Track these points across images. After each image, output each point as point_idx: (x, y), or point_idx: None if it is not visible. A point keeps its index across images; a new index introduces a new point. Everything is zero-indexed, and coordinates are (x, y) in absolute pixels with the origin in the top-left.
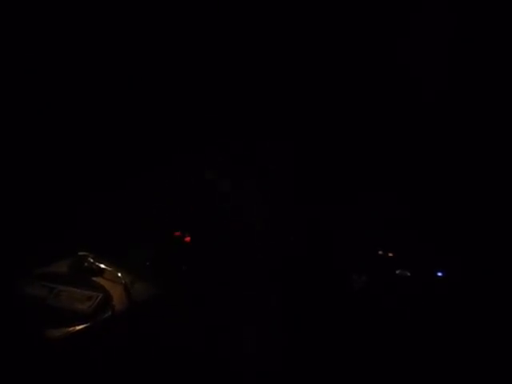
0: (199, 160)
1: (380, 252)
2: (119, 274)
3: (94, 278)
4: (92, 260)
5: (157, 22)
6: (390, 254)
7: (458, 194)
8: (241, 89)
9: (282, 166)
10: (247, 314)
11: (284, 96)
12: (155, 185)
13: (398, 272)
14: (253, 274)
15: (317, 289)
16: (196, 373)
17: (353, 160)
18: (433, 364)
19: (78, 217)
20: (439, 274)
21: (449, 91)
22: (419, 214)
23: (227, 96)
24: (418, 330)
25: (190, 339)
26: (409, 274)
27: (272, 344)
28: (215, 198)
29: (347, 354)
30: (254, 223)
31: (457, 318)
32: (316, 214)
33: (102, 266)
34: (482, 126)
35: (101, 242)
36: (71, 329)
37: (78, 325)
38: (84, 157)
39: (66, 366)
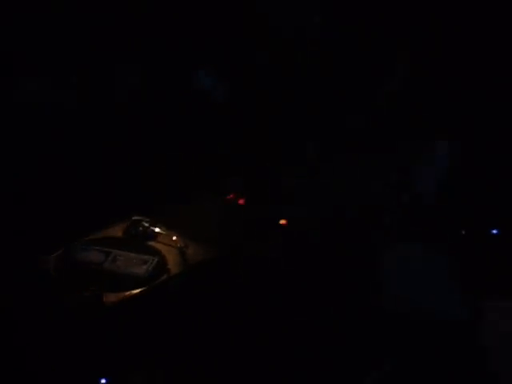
0: None
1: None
2: (174, 238)
3: (149, 242)
4: (147, 224)
5: None
6: None
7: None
8: None
9: None
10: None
11: None
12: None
13: None
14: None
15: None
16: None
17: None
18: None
19: (133, 181)
20: (494, 231)
21: None
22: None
23: None
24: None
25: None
26: (463, 232)
27: None
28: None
29: None
30: None
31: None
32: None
33: (157, 229)
34: None
35: (155, 205)
36: (127, 293)
37: (135, 289)
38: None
39: (122, 330)
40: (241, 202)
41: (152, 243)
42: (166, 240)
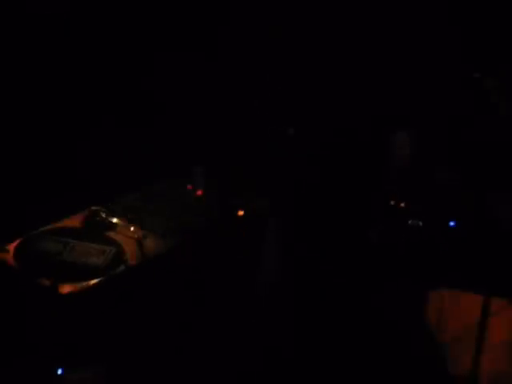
0: None
1: (392, 202)
2: (132, 228)
3: (107, 233)
4: (105, 214)
5: None
6: (402, 205)
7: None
8: None
9: None
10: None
11: None
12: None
13: (410, 222)
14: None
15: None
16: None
17: None
18: None
19: (91, 172)
20: (451, 224)
21: None
22: (432, 163)
23: None
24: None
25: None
26: (421, 224)
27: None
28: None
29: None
30: None
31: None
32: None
33: (115, 220)
34: None
35: (113, 196)
36: (85, 283)
37: (92, 279)
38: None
39: (79, 320)
40: (199, 192)
41: (110, 233)
42: (123, 230)
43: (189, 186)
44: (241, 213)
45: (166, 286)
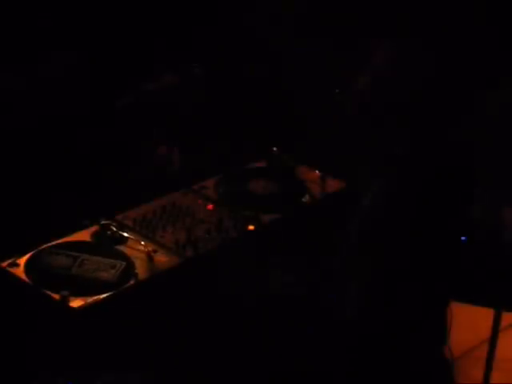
0: None
1: None
2: (142, 243)
3: (117, 247)
4: (115, 228)
5: None
6: None
7: None
8: None
9: None
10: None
11: None
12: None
13: None
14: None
15: None
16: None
17: None
18: None
19: (102, 184)
20: (463, 238)
21: None
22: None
23: None
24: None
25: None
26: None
27: None
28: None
29: None
30: None
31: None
32: None
33: (125, 234)
34: None
35: (124, 209)
36: (95, 297)
37: (102, 293)
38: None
39: (89, 335)
40: (209, 207)
41: (120, 247)
42: (134, 245)
43: (208, 206)
44: (251, 227)
45: (176, 301)
